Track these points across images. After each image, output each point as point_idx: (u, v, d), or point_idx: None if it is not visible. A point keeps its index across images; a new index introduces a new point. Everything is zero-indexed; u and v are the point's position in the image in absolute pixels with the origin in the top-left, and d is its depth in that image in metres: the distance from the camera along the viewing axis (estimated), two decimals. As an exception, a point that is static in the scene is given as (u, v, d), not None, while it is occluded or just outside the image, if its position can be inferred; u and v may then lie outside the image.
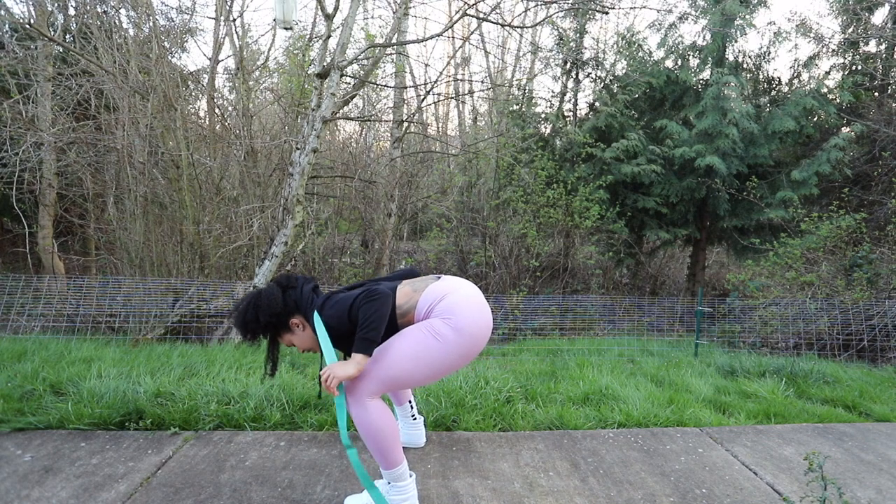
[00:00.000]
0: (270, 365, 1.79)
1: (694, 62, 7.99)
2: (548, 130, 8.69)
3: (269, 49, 11.70)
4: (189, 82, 6.61)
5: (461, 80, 11.24)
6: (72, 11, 6.48)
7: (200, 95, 6.96)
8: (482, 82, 11.48)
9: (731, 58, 7.71)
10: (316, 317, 1.66)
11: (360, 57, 5.72)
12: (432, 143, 10.29)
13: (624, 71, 8.21)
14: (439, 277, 1.74)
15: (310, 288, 1.76)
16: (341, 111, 6.50)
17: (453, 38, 10.68)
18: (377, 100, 9.46)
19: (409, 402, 2.15)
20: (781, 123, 7.01)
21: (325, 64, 4.88)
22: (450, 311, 1.60)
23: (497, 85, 10.35)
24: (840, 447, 2.43)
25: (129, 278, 4.88)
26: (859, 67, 7.83)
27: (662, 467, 2.14)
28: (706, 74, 7.82)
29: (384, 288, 1.57)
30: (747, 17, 7.39)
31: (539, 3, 6.88)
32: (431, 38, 5.25)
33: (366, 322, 1.51)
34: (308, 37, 7.84)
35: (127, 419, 2.36)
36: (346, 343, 1.70)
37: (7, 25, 6.57)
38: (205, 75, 6.55)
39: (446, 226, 8.54)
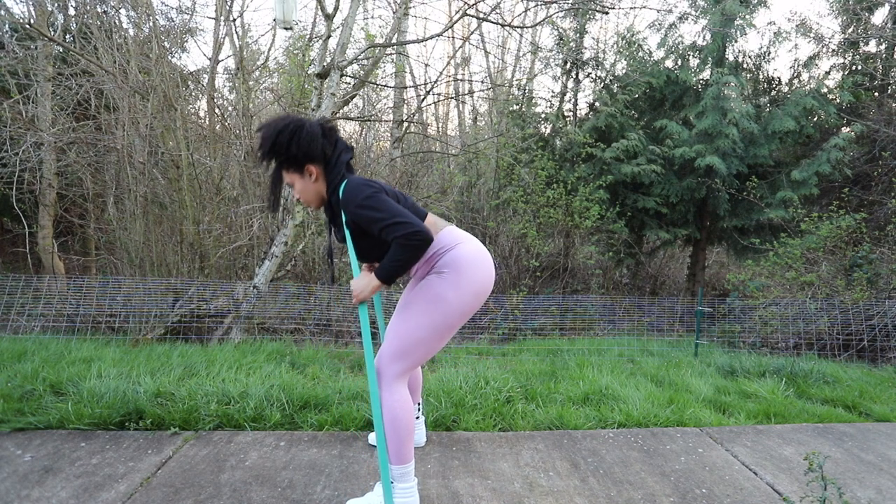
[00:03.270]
0: (273, 200, 1.74)
1: (694, 62, 7.99)
2: (548, 130, 8.68)
3: (269, 49, 11.70)
4: (189, 82, 6.61)
5: (461, 80, 11.24)
6: (72, 11, 6.48)
7: (200, 95, 6.96)
8: (482, 82, 11.48)
9: (731, 58, 7.70)
10: (343, 216, 1.60)
11: (360, 57, 5.72)
12: (432, 143, 10.29)
13: (624, 71, 8.20)
14: (451, 224, 1.76)
15: (347, 158, 1.67)
16: (341, 111, 6.50)
17: (453, 38, 10.68)
18: (377, 100, 9.46)
19: (418, 403, 2.15)
20: (781, 123, 7.01)
21: (325, 64, 4.87)
22: (454, 267, 1.60)
23: (497, 85, 10.34)
24: (840, 447, 2.43)
25: (129, 278, 4.88)
26: (859, 67, 7.82)
27: (662, 467, 2.14)
28: (706, 74, 7.82)
29: (426, 230, 1.50)
30: (747, 17, 7.39)
31: (539, 3, 6.88)
32: (431, 38, 5.24)
33: (397, 260, 1.52)
34: (308, 37, 7.84)
35: (127, 419, 2.36)
36: (359, 240, 1.66)
37: (7, 25, 6.57)
38: (205, 75, 6.55)
39: (446, 226, 8.49)
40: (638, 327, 6.15)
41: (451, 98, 11.32)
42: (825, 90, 7.45)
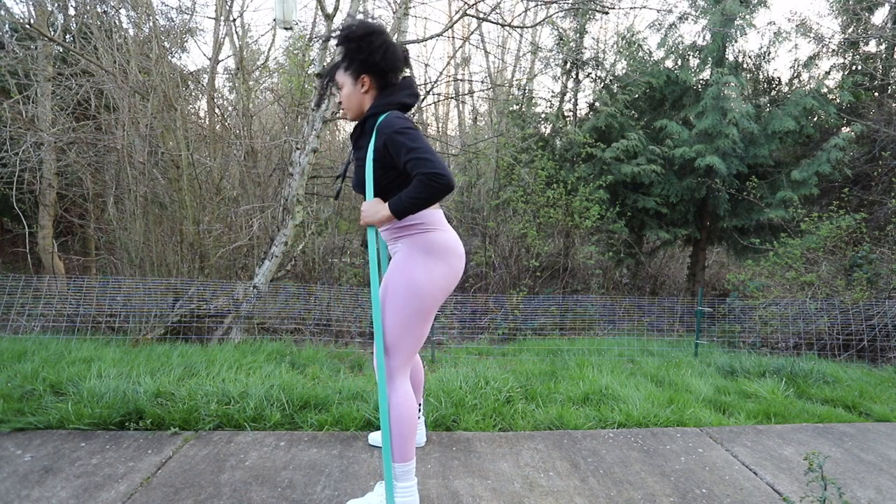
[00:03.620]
0: (319, 97, 1.76)
1: (694, 62, 7.99)
2: (548, 130, 8.68)
3: (269, 49, 11.71)
4: (189, 82, 6.61)
5: (461, 80, 11.23)
6: (72, 11, 6.47)
7: (200, 95, 6.95)
8: (482, 82, 11.48)
9: (731, 58, 7.70)
10: (370, 152, 1.58)
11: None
12: (432, 143, 10.29)
13: (624, 71, 8.20)
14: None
15: (404, 99, 1.64)
16: (341, 111, 6.49)
17: (453, 38, 10.68)
18: (377, 100, 9.43)
19: (420, 403, 2.15)
20: (781, 123, 7.01)
21: (324, 64, 4.88)
22: (427, 248, 1.61)
23: (497, 85, 10.35)
24: (840, 447, 2.43)
25: (129, 278, 4.88)
26: (859, 67, 7.83)
27: (662, 467, 2.14)
28: (706, 74, 7.82)
29: (451, 178, 1.49)
30: (747, 17, 7.39)
31: (539, 3, 6.88)
32: (431, 38, 5.25)
33: (415, 198, 1.49)
34: (308, 37, 7.84)
35: (127, 419, 2.36)
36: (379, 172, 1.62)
37: (7, 25, 6.57)
38: (205, 75, 6.54)
39: (446, 226, 8.49)
40: (638, 327, 6.15)
41: (451, 98, 11.32)
42: (825, 90, 7.46)
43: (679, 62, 8.05)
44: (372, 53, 1.58)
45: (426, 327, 1.66)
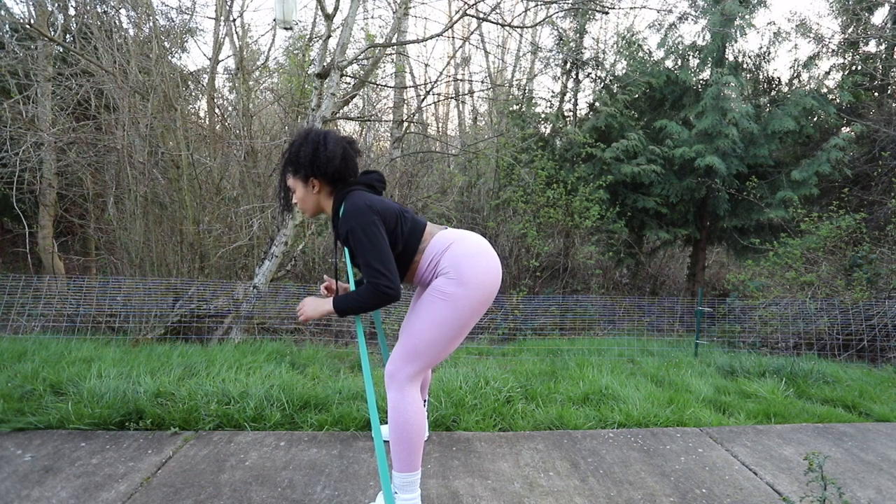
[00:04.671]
0: (284, 202, 1.77)
1: (694, 62, 7.99)
2: (548, 130, 8.68)
3: (269, 49, 11.71)
4: (189, 82, 6.61)
5: (461, 80, 11.23)
6: (72, 11, 6.47)
7: (200, 95, 6.95)
8: (482, 82, 11.47)
9: (730, 58, 7.71)
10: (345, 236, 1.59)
11: (360, 57, 5.72)
12: (432, 143, 10.29)
13: (624, 71, 8.20)
14: (445, 228, 1.74)
15: (372, 178, 1.70)
16: (341, 111, 6.50)
17: (453, 38, 10.68)
18: (377, 100, 9.45)
19: (424, 401, 2.14)
20: (781, 123, 7.01)
21: (325, 64, 4.88)
22: (453, 265, 1.58)
23: (497, 85, 10.34)
24: (840, 447, 2.43)
25: (129, 278, 4.88)
26: (859, 67, 7.82)
27: (662, 467, 2.14)
28: (706, 74, 7.82)
29: (398, 290, 1.52)
30: (747, 17, 7.39)
31: (539, 3, 6.88)
32: (431, 38, 5.25)
33: (359, 300, 1.52)
34: (308, 37, 7.84)
35: (127, 419, 2.36)
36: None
37: (7, 25, 6.57)
38: (205, 75, 6.54)
39: (447, 226, 8.49)
40: (638, 327, 6.15)
41: (451, 98, 11.32)
42: (825, 90, 7.46)
43: (679, 62, 8.05)
44: (310, 162, 1.61)
45: (457, 342, 1.64)
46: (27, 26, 5.86)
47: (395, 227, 1.59)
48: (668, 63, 8.09)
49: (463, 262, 1.58)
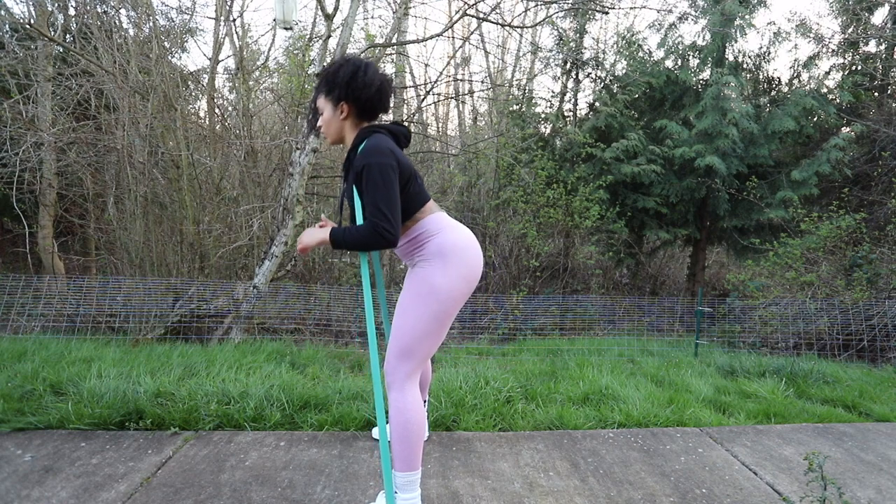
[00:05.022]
0: (310, 124, 1.77)
1: (694, 62, 7.99)
2: (548, 130, 8.68)
3: (269, 49, 11.71)
4: (189, 82, 6.61)
5: (461, 80, 11.23)
6: (72, 11, 6.47)
7: (200, 95, 6.95)
8: (482, 82, 11.47)
9: (730, 58, 7.70)
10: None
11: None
12: (432, 143, 10.28)
13: (624, 71, 8.20)
14: (443, 211, 1.74)
15: (393, 126, 1.67)
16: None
17: (453, 38, 10.68)
18: (377, 100, 9.43)
19: (425, 401, 2.14)
20: (781, 123, 7.01)
21: (324, 64, 4.87)
22: (439, 254, 1.59)
23: (497, 85, 10.34)
24: (840, 447, 2.43)
25: (129, 278, 4.88)
26: (859, 67, 7.82)
27: (662, 467, 2.14)
28: (706, 74, 7.82)
29: (396, 237, 1.51)
30: (747, 17, 7.39)
31: (539, 3, 6.88)
32: (431, 38, 5.25)
33: (356, 237, 1.51)
34: (308, 37, 7.83)
35: (127, 419, 2.36)
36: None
37: (7, 25, 6.57)
38: (205, 75, 6.54)
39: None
40: (638, 327, 6.15)
41: (451, 98, 11.32)
42: (825, 90, 7.46)
43: (679, 62, 8.05)
44: (346, 83, 1.60)
45: (443, 332, 1.64)
46: (27, 26, 5.86)
47: (406, 183, 1.58)
48: (668, 63, 8.09)
49: (449, 254, 1.59)
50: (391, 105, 1.68)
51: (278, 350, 3.83)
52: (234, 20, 6.53)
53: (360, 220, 1.58)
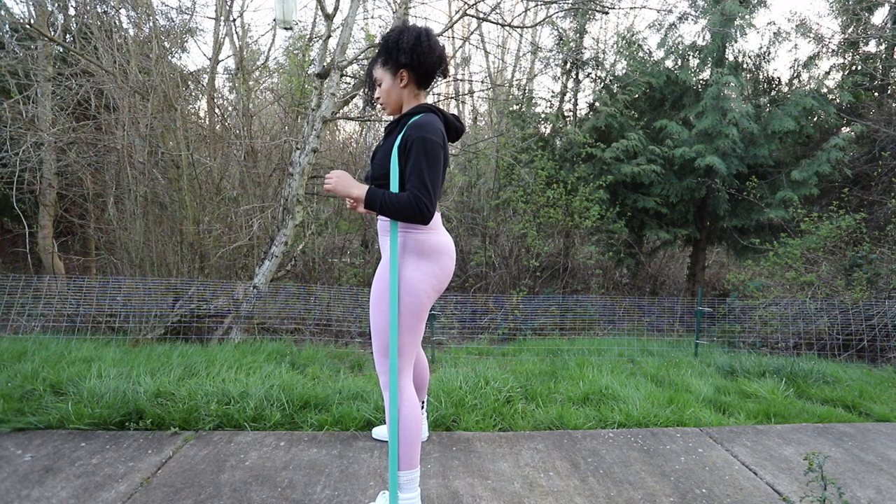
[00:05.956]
0: (367, 97, 1.74)
1: (694, 62, 7.99)
2: (548, 130, 8.68)
3: (269, 49, 11.72)
4: (189, 82, 6.61)
5: (461, 80, 11.23)
6: (72, 11, 6.47)
7: (200, 95, 6.95)
8: (482, 82, 11.47)
9: (730, 58, 7.70)
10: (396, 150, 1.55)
11: (360, 57, 5.72)
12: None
13: (624, 71, 8.20)
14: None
15: (444, 118, 1.65)
16: (341, 111, 6.49)
17: (453, 38, 10.67)
18: (377, 100, 9.43)
19: (423, 401, 2.14)
20: (781, 123, 7.01)
21: (325, 64, 4.88)
22: (419, 249, 1.59)
23: (497, 85, 10.34)
24: (840, 447, 2.43)
25: (129, 278, 4.88)
26: (859, 67, 7.82)
27: (662, 467, 2.14)
28: (706, 74, 7.82)
29: (432, 216, 1.50)
30: (747, 17, 7.39)
31: (539, 3, 6.88)
32: (431, 38, 5.23)
33: (394, 206, 1.49)
34: (308, 37, 7.84)
35: (127, 419, 2.36)
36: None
37: (7, 25, 6.56)
38: (205, 75, 6.54)
39: (446, 226, 8.53)
40: (638, 327, 6.15)
41: (451, 98, 11.31)
42: (825, 90, 7.45)
43: (679, 62, 8.05)
44: (410, 49, 1.58)
45: (422, 326, 1.65)
46: (27, 26, 5.86)
47: (439, 174, 1.58)
48: (668, 63, 8.08)
49: (427, 254, 1.60)
50: (450, 72, 1.68)
51: (278, 350, 3.83)
52: (234, 20, 6.53)
53: (393, 187, 1.56)
